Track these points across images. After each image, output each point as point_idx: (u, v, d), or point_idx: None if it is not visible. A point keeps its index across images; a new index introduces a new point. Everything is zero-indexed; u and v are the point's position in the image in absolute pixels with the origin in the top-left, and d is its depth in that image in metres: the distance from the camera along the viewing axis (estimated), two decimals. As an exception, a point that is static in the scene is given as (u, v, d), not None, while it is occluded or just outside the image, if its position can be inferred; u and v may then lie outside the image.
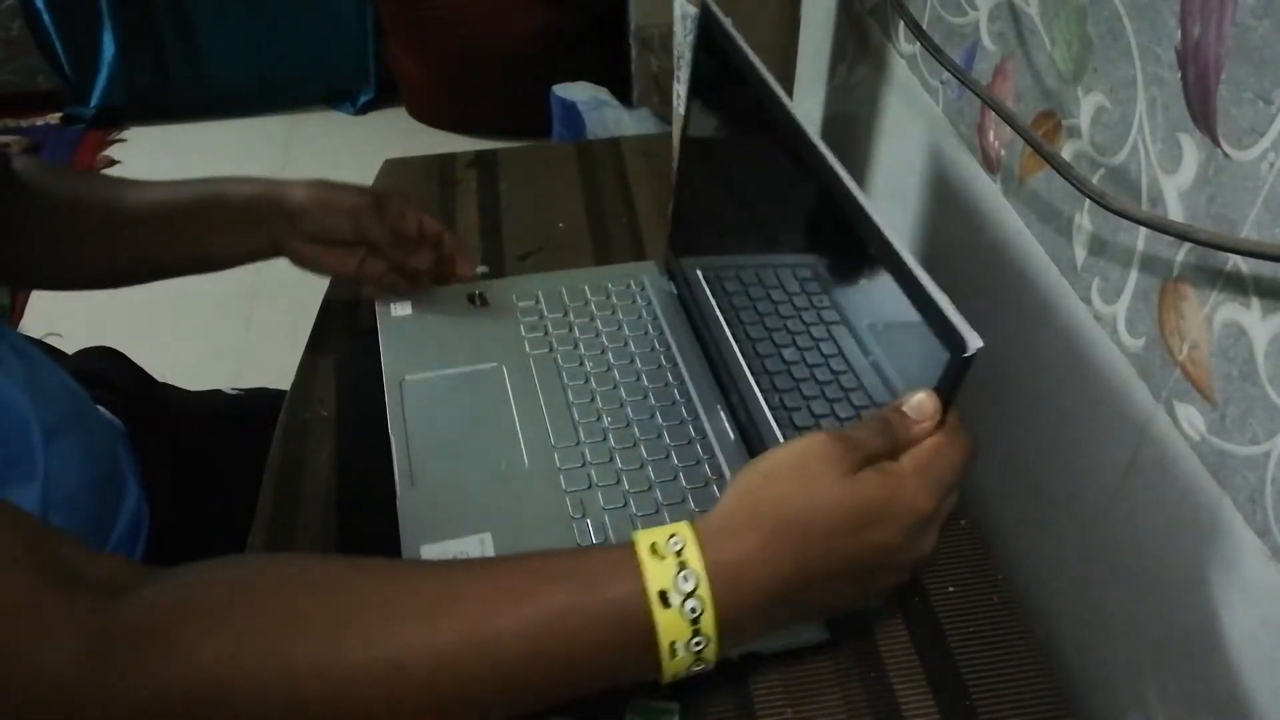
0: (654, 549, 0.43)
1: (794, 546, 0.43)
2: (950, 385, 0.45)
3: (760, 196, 0.64)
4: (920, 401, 0.46)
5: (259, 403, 0.87)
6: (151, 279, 0.76)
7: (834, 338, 0.56)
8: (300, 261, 0.72)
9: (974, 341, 0.42)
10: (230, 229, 0.72)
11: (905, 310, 0.46)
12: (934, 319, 0.44)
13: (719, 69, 0.66)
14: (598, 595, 0.42)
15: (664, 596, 0.41)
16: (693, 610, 0.41)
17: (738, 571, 0.43)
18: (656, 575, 0.42)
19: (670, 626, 0.41)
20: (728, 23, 0.64)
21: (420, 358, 0.72)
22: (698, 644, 0.42)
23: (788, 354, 0.61)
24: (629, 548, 0.43)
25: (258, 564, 0.48)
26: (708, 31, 0.66)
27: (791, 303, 0.60)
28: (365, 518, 0.64)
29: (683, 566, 0.42)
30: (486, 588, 0.43)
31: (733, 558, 0.43)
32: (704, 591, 0.42)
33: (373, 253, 0.72)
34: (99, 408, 0.71)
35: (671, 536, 0.43)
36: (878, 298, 0.50)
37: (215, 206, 0.71)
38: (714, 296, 0.71)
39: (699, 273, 0.74)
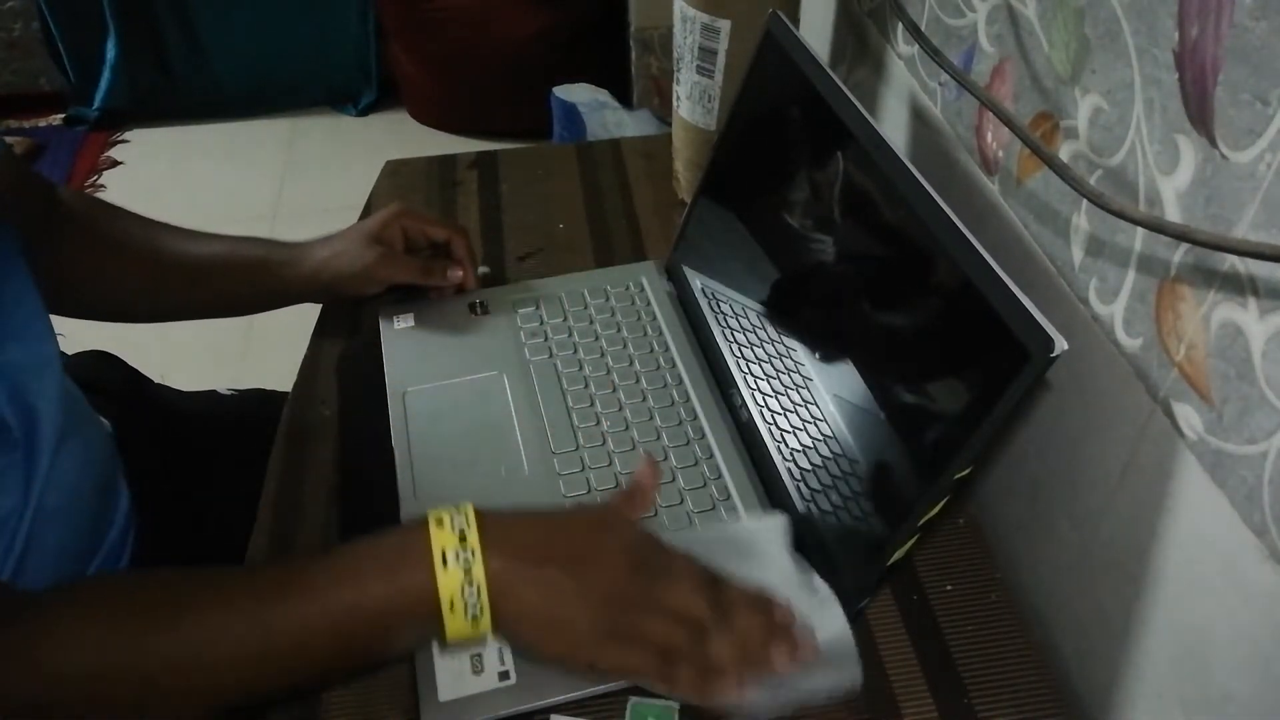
0: (439, 521, 0.49)
1: (552, 516, 0.52)
2: (1029, 387, 0.43)
3: (812, 209, 0.62)
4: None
5: (254, 404, 0.87)
6: (188, 318, 0.78)
7: (864, 351, 0.56)
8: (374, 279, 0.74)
9: (1060, 343, 0.41)
10: (274, 287, 0.75)
11: (980, 315, 0.45)
12: (1019, 321, 0.43)
13: (783, 83, 0.64)
14: (393, 581, 0.48)
15: (443, 555, 0.47)
16: (464, 559, 0.47)
17: (506, 525, 0.50)
18: (440, 540, 0.48)
19: (448, 582, 0.47)
20: (804, 38, 0.62)
21: (422, 369, 0.72)
22: (471, 595, 0.47)
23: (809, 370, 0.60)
24: (419, 527, 0.49)
25: (107, 583, 0.54)
26: (775, 46, 0.64)
27: (823, 317, 0.60)
28: (367, 516, 0.64)
29: (461, 523, 0.49)
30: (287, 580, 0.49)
31: (500, 517, 0.50)
32: (472, 536, 0.48)
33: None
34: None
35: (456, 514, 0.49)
36: (943, 305, 0.50)
37: (262, 271, 0.74)
38: (739, 305, 0.71)
39: (715, 279, 0.74)
